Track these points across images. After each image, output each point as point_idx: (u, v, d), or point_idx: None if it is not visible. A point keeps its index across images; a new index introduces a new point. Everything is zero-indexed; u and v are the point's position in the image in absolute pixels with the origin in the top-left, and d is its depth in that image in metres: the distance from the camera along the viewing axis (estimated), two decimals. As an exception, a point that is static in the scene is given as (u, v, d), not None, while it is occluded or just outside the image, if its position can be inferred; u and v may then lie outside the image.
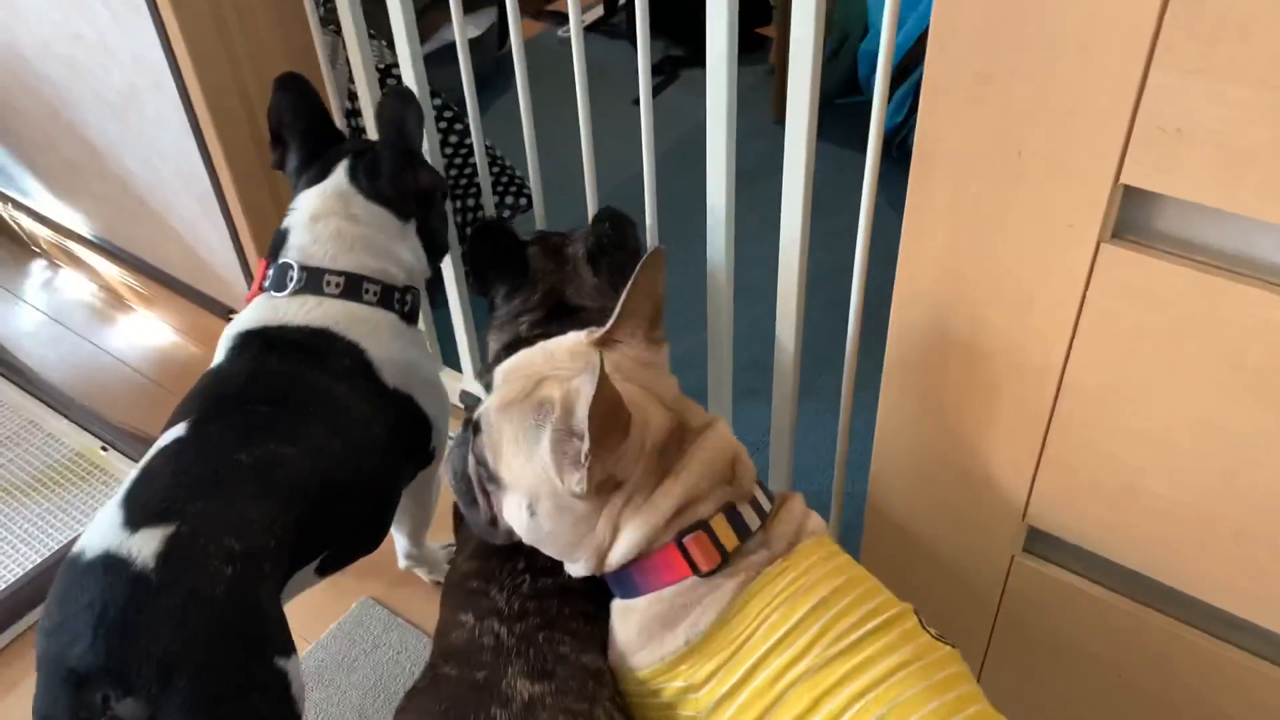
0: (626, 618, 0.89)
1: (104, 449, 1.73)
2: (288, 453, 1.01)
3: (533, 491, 0.86)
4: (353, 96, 1.72)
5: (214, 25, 1.41)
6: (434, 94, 1.77)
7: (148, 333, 2.01)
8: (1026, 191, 0.82)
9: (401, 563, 1.49)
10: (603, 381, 0.76)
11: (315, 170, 1.19)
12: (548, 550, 0.91)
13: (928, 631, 0.84)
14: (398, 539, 1.46)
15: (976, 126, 0.81)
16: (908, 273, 0.94)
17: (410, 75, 1.34)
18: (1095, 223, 0.80)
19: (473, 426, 0.92)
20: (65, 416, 1.80)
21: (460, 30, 1.27)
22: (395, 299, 1.18)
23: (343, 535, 1.09)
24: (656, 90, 2.57)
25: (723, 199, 1.14)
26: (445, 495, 1.39)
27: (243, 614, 0.91)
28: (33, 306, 2.10)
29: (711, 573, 0.84)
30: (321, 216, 1.15)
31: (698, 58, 2.72)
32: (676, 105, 2.50)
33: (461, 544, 1.06)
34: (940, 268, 0.91)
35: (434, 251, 1.27)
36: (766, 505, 0.88)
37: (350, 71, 1.67)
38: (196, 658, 0.87)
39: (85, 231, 2.05)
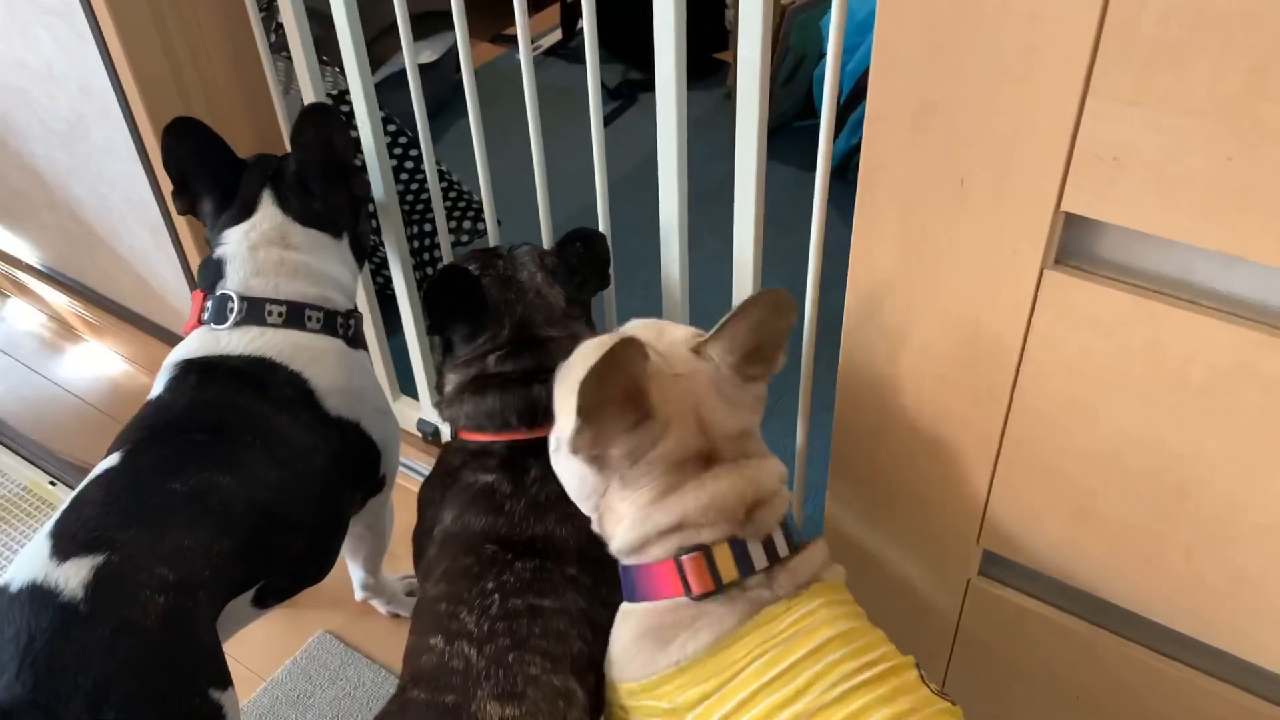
0: (625, 621, 0.90)
1: (52, 483, 1.69)
2: (223, 481, 1.00)
3: (561, 426, 0.90)
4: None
5: (162, 52, 1.39)
6: (389, 120, 1.76)
7: (98, 363, 1.97)
8: (970, 219, 0.82)
9: (358, 594, 1.47)
10: (613, 361, 0.78)
11: (238, 206, 1.16)
12: (564, 486, 0.94)
13: (928, 686, 0.82)
14: (353, 570, 1.44)
15: (920, 155, 0.81)
16: (856, 297, 0.95)
17: (361, 101, 1.33)
18: (1038, 249, 0.80)
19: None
20: (12, 450, 1.76)
21: (410, 56, 1.27)
22: (339, 324, 1.17)
23: (281, 565, 1.08)
24: (615, 114, 2.57)
25: (675, 219, 1.14)
26: (404, 527, 1.38)
27: (176, 644, 0.90)
28: (-20, 338, 2.05)
29: (703, 597, 0.84)
30: (260, 246, 1.14)
31: (653, 81, 2.74)
32: (635, 129, 2.51)
33: (429, 569, 1.05)
34: (888, 293, 0.92)
35: (361, 256, 1.27)
36: (783, 549, 0.86)
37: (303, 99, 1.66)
38: (127, 689, 0.85)
39: (34, 261, 2.01)
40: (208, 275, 1.15)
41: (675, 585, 0.85)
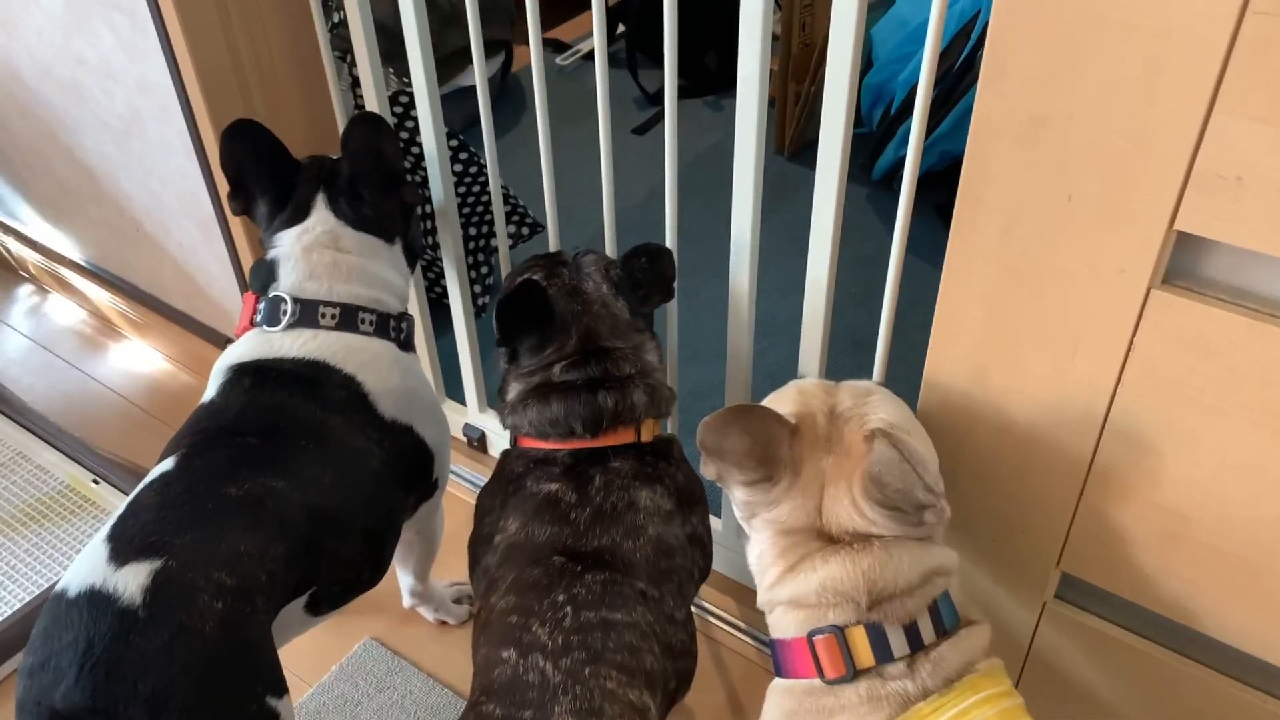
0: (770, 698, 0.89)
1: (95, 481, 1.68)
2: (277, 485, 0.99)
3: None
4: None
5: (225, 48, 1.39)
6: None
7: (140, 361, 1.96)
8: (1076, 236, 0.80)
9: (406, 601, 1.45)
10: (737, 419, 0.80)
11: (291, 209, 1.15)
12: None
13: None
14: (402, 576, 1.42)
15: (1027, 170, 0.80)
16: (947, 311, 0.93)
17: (425, 106, 1.32)
18: (1147, 268, 0.78)
19: None
20: (54, 447, 1.75)
21: (480, 66, 1.26)
22: (391, 327, 1.16)
23: (334, 570, 1.06)
24: (654, 121, 2.56)
25: (748, 228, 1.13)
26: (451, 533, 1.36)
27: (234, 650, 0.89)
28: (20, 333, 2.04)
29: (837, 683, 0.81)
30: (313, 249, 1.13)
31: (696, 89, 2.72)
32: (679, 135, 2.49)
33: (489, 578, 1.03)
34: (982, 309, 0.90)
35: (413, 261, 1.26)
36: (929, 635, 0.82)
37: (357, 96, 1.65)
38: (186, 695, 0.85)
39: (77, 256, 2.01)
40: (260, 277, 1.15)
41: (809, 666, 0.83)
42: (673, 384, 1.31)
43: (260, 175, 1.16)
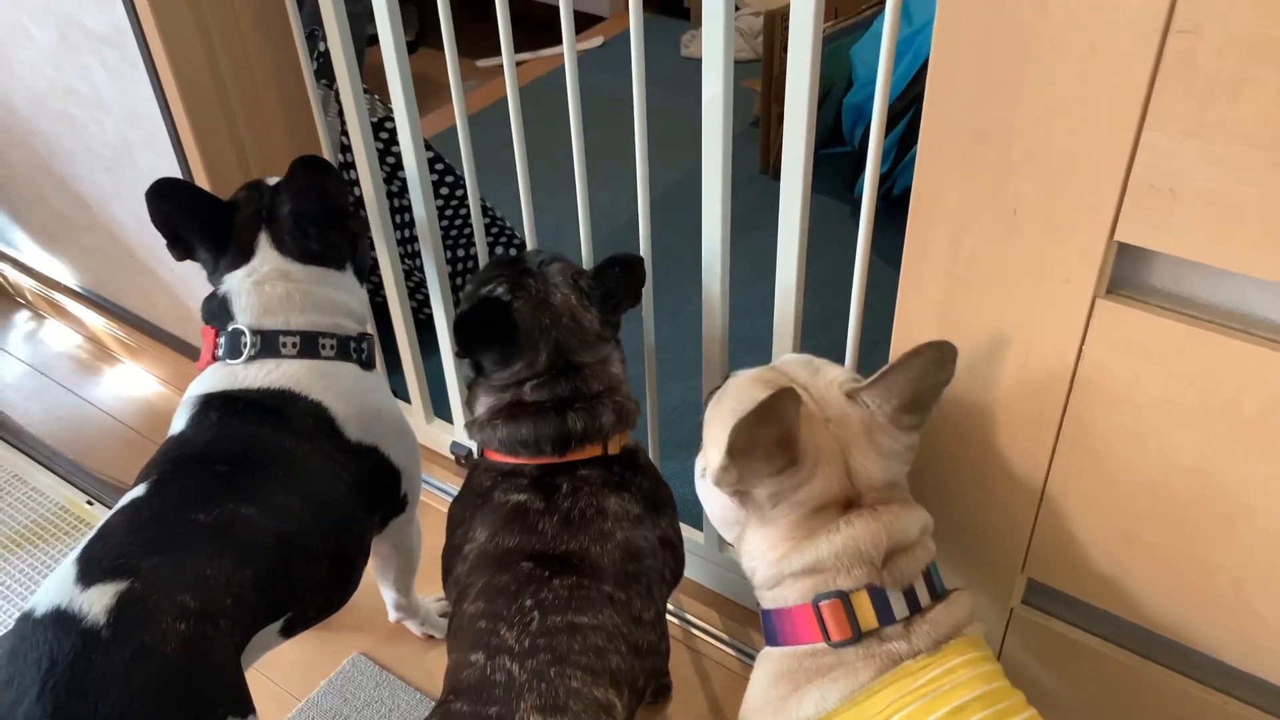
0: (762, 665, 0.91)
1: (89, 503, 1.71)
2: (246, 512, 1.01)
3: (709, 456, 0.90)
4: (345, 148, 1.73)
5: (210, 79, 1.42)
6: (426, 145, 1.79)
7: (134, 384, 1.99)
8: (1023, 247, 0.83)
9: (392, 615, 1.47)
10: (768, 411, 0.79)
11: (235, 251, 1.16)
12: (706, 510, 0.96)
13: None
14: (384, 591, 1.44)
15: (973, 184, 0.82)
16: (904, 325, 0.95)
17: (405, 129, 1.35)
18: (1091, 278, 0.81)
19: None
20: (50, 470, 1.78)
21: (456, 84, 1.29)
22: (352, 349, 1.19)
23: (304, 594, 1.08)
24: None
25: (718, 249, 1.15)
26: (435, 547, 1.38)
27: (195, 671, 0.91)
28: (16, 358, 2.08)
29: (841, 645, 0.84)
30: (264, 282, 1.15)
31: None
32: (663, 154, 2.53)
33: (461, 587, 1.05)
34: (937, 321, 0.92)
35: (363, 279, 1.27)
36: (925, 599, 0.86)
37: (343, 123, 1.68)
38: (145, 715, 0.86)
39: (72, 283, 2.04)
40: (215, 312, 1.16)
41: (813, 631, 0.85)
42: (649, 400, 1.33)
43: (192, 227, 1.17)
